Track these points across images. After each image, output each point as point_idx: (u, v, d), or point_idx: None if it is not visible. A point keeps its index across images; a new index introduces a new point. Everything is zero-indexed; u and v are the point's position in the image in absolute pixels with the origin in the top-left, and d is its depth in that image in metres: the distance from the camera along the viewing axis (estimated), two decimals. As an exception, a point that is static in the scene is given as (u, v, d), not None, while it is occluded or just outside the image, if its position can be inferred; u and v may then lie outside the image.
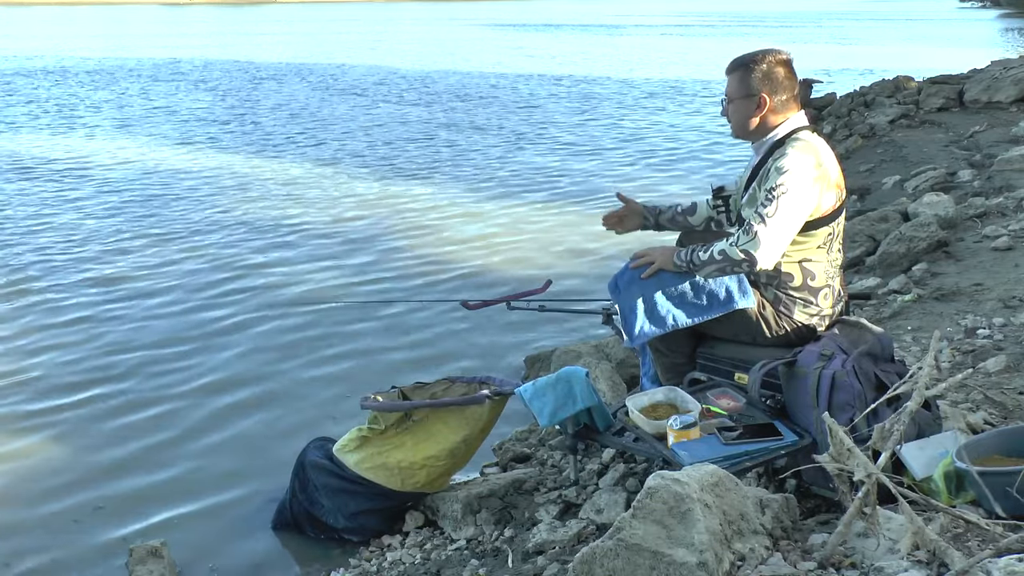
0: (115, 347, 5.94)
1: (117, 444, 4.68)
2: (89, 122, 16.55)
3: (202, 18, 72.37)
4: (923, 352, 3.89)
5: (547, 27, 54.90)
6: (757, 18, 63.71)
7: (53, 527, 3.94)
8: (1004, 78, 11.92)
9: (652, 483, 2.19)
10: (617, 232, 3.65)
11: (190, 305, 6.73)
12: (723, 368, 3.26)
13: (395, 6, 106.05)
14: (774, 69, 3.13)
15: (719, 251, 3.05)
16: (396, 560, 3.44)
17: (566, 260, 7.86)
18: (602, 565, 2.10)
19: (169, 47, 37.27)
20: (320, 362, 5.71)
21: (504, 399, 3.67)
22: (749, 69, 3.14)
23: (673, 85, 22.29)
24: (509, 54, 33.49)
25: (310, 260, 7.90)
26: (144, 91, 21.59)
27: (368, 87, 22.42)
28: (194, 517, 4.01)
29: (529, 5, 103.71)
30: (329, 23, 63.18)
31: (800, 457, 2.77)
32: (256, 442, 4.69)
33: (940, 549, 2.02)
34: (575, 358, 4.83)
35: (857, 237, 6.46)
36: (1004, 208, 6.60)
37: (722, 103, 3.25)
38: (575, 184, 11.07)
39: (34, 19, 69.54)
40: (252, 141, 14.42)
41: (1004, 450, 2.64)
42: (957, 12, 68.76)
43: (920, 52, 29.15)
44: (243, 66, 28.29)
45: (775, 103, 3.12)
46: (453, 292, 6.82)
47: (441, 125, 16.03)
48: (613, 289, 3.29)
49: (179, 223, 9.16)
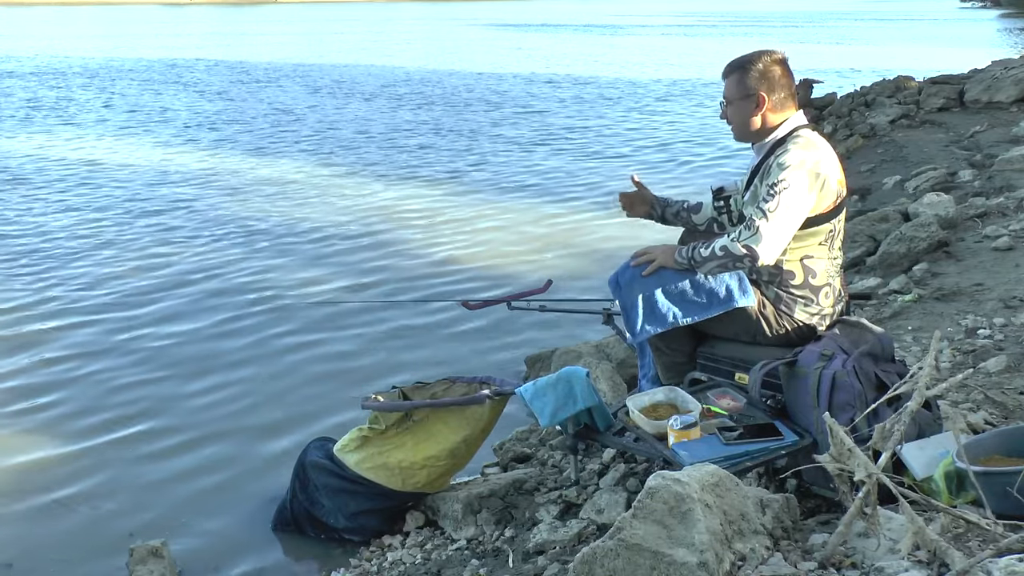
0: (113, 348, 5.94)
1: (117, 444, 4.68)
2: (89, 123, 16.56)
3: (202, 18, 72.36)
4: (923, 352, 3.89)
5: (547, 27, 54.90)
6: (757, 18, 63.69)
7: (54, 527, 3.95)
8: (1005, 78, 11.92)
9: (653, 483, 2.18)
10: (627, 215, 3.65)
11: (190, 306, 6.72)
12: (723, 368, 3.26)
13: (395, 6, 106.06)
14: (770, 68, 3.14)
15: (720, 247, 3.06)
16: (396, 560, 3.44)
17: (566, 260, 7.86)
18: (603, 565, 2.10)
19: (169, 47, 37.28)
20: (320, 362, 5.71)
21: (504, 399, 3.67)
22: (745, 70, 3.16)
23: (673, 85, 22.29)
24: (509, 55, 33.49)
25: (310, 261, 7.90)
26: (144, 92, 21.59)
27: (367, 88, 22.42)
28: (194, 517, 4.01)
29: (529, 5, 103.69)
30: (329, 23, 63.18)
31: (800, 457, 2.77)
32: (256, 442, 4.69)
33: (941, 549, 2.02)
34: (575, 358, 4.83)
35: (858, 237, 6.46)
36: (1004, 208, 6.60)
37: (721, 106, 3.27)
38: (575, 184, 11.07)
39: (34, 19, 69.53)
40: (251, 142, 14.42)
41: (1004, 450, 2.64)
42: (957, 12, 68.74)
43: (920, 52, 29.15)
44: (243, 67, 28.30)
45: (773, 101, 3.13)
46: (453, 292, 6.82)
47: (441, 126, 16.02)
48: (614, 286, 3.29)
49: (179, 223, 9.16)
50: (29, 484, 4.29)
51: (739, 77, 3.17)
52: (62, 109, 18.36)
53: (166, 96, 20.66)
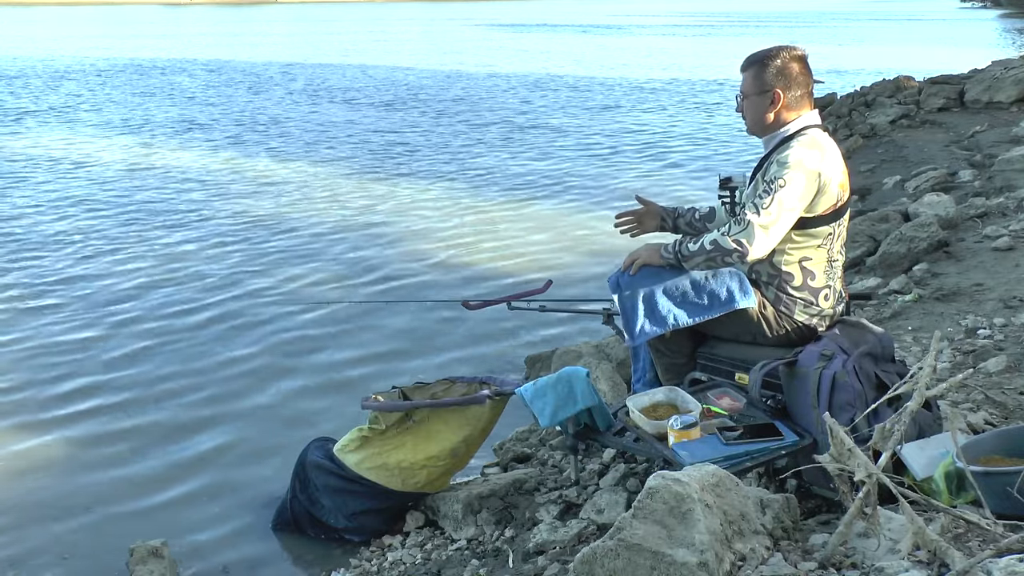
0: (114, 348, 5.94)
1: (118, 444, 4.68)
2: (88, 122, 16.55)
3: (202, 18, 72.34)
4: (923, 352, 3.89)
5: (547, 28, 54.90)
6: (757, 18, 63.68)
7: (54, 527, 3.94)
8: (1005, 78, 11.92)
9: (653, 483, 2.18)
10: (633, 235, 3.60)
11: (190, 307, 6.72)
12: (723, 368, 3.26)
13: (395, 6, 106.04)
14: (789, 65, 3.11)
15: (710, 241, 3.04)
16: (397, 560, 3.44)
17: (566, 260, 7.86)
18: (603, 565, 2.10)
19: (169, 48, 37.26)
20: (320, 362, 5.71)
21: (505, 399, 3.67)
22: (764, 65, 3.12)
23: (673, 85, 22.29)
24: (509, 55, 33.49)
25: (310, 261, 7.90)
26: (144, 92, 21.59)
27: (367, 88, 22.41)
28: (194, 517, 4.01)
29: (529, 5, 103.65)
30: (330, 23, 63.16)
31: (801, 457, 2.77)
32: (256, 442, 4.69)
33: (941, 549, 2.02)
34: (576, 358, 4.82)
35: (858, 237, 6.46)
36: (1005, 208, 6.61)
37: (737, 99, 3.24)
38: (576, 184, 11.06)
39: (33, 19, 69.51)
40: (251, 142, 14.42)
41: (1004, 450, 2.64)
42: (957, 12, 68.71)
43: (920, 52, 29.14)
44: (243, 67, 28.30)
45: (789, 99, 3.10)
46: (453, 292, 6.82)
47: (441, 126, 16.03)
48: (614, 286, 3.27)
49: (179, 224, 9.15)
50: (29, 485, 4.29)
51: (757, 72, 3.13)
52: (62, 109, 18.35)
53: (166, 96, 20.65)
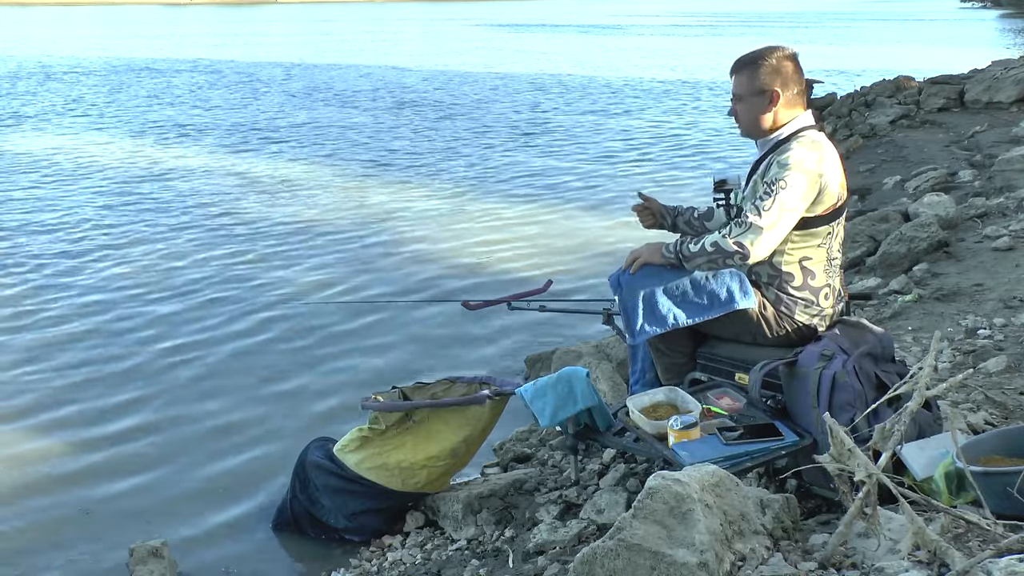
0: (114, 348, 5.93)
1: (117, 444, 4.68)
2: (87, 123, 16.55)
3: (201, 18, 72.33)
4: (923, 352, 3.89)
5: (547, 28, 54.90)
6: (757, 18, 63.69)
7: (54, 527, 3.94)
8: (1005, 78, 11.92)
9: (653, 483, 2.18)
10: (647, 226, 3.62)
11: (190, 306, 6.72)
12: (724, 368, 3.26)
13: (395, 6, 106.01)
14: (782, 63, 3.11)
15: (711, 243, 3.04)
16: (397, 560, 3.44)
17: (566, 260, 7.86)
18: (603, 565, 2.10)
19: (168, 48, 37.26)
20: (320, 362, 5.71)
21: (504, 399, 3.67)
22: (757, 65, 3.11)
23: (673, 85, 22.29)
24: (509, 55, 33.49)
25: (310, 261, 7.89)
26: (142, 92, 21.58)
27: (367, 89, 22.41)
28: (194, 517, 4.01)
29: (529, 5, 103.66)
30: (330, 24, 63.15)
31: (801, 457, 2.77)
32: (256, 442, 4.69)
33: (941, 549, 2.02)
34: (576, 358, 4.82)
35: (858, 237, 6.46)
36: (1005, 208, 6.61)
37: (731, 103, 3.22)
38: (576, 184, 11.06)
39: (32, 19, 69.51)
40: (251, 143, 14.41)
41: (1004, 450, 2.64)
42: (957, 12, 68.74)
43: (920, 52, 29.15)
44: (242, 67, 28.29)
45: (787, 98, 3.10)
46: (453, 292, 6.82)
47: (441, 126, 16.03)
48: (615, 285, 3.27)
49: (178, 224, 9.15)
50: (29, 485, 4.29)
51: (751, 73, 3.11)
52: (61, 109, 18.35)
53: (165, 96, 20.64)
